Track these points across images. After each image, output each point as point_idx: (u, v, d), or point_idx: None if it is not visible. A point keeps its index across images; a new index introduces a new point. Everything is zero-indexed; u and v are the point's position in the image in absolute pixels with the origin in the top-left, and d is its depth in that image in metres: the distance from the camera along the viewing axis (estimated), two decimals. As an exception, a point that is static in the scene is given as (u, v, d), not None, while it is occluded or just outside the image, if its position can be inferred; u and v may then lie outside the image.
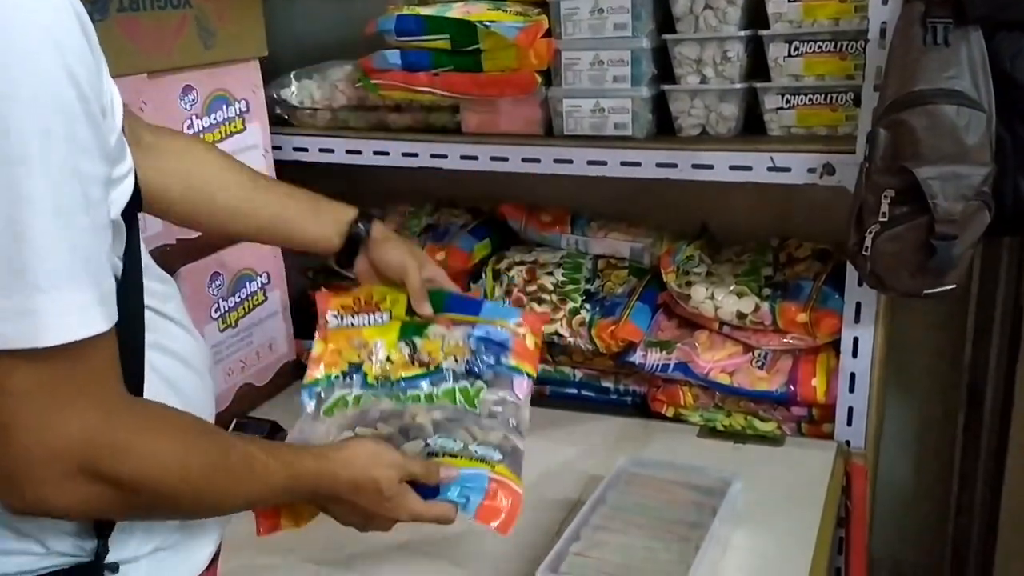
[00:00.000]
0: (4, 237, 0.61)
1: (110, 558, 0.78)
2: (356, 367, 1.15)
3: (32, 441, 0.66)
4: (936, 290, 1.21)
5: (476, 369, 1.14)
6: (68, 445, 0.67)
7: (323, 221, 1.17)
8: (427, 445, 1.06)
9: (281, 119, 1.69)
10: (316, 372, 1.15)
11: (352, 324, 1.18)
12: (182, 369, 0.83)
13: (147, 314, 0.78)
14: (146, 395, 0.76)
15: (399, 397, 1.12)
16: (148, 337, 0.77)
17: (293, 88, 1.66)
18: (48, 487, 0.67)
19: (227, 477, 0.81)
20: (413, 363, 1.16)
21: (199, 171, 1.09)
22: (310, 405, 1.12)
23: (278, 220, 1.14)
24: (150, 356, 0.78)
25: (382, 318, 1.19)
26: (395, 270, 1.17)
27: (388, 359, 1.16)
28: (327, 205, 1.19)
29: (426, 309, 1.16)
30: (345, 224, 1.17)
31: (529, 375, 1.15)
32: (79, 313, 0.65)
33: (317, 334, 1.19)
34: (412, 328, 1.18)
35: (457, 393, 1.12)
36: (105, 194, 0.69)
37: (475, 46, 1.44)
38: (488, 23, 1.41)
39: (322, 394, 1.13)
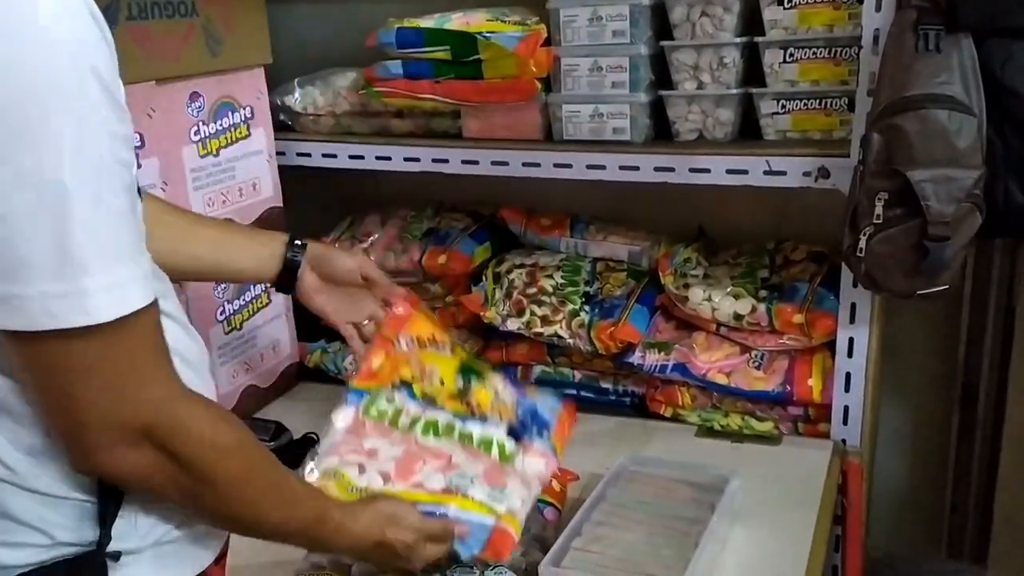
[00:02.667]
0: (49, 223, 0.66)
1: (112, 547, 0.80)
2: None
3: (97, 411, 0.71)
4: (929, 291, 1.24)
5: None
6: (133, 412, 0.73)
7: (257, 250, 1.24)
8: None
9: (285, 125, 1.72)
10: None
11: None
12: (180, 366, 0.84)
13: None
14: None
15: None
16: None
17: (297, 95, 1.69)
18: (111, 451, 0.73)
19: (268, 484, 0.86)
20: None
21: None
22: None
23: (215, 250, 1.20)
24: None
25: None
26: (349, 272, 1.29)
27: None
28: (258, 234, 1.27)
29: (401, 293, 1.30)
30: (280, 248, 1.24)
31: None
32: (126, 289, 0.70)
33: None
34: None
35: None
36: (134, 180, 0.72)
37: (475, 56, 1.46)
38: (488, 34, 1.44)
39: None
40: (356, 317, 1.32)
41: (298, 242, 1.26)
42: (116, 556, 0.81)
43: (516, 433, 1.21)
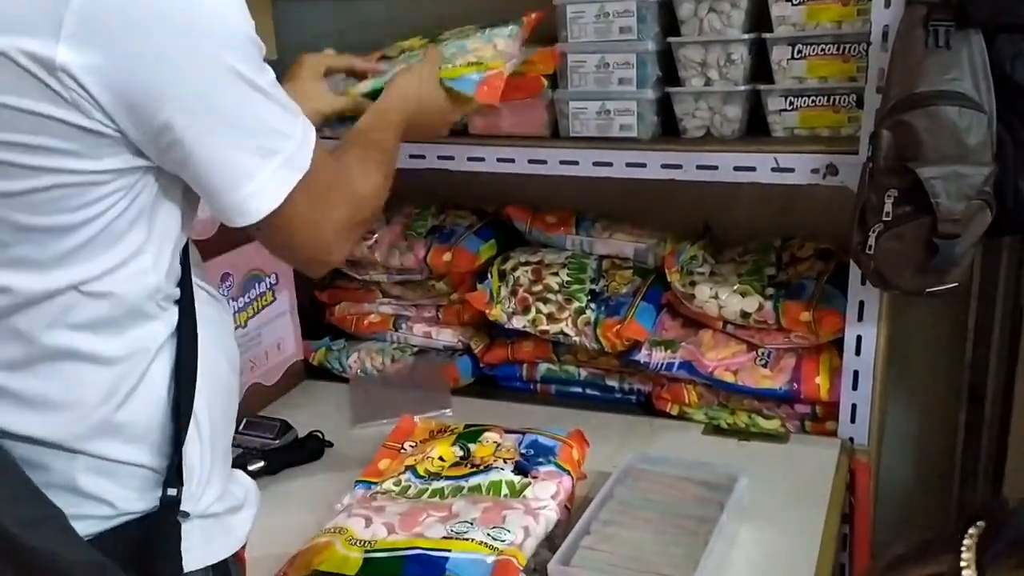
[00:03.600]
0: (264, 100, 0.82)
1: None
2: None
3: (331, 226, 0.91)
4: (938, 288, 1.23)
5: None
6: (346, 215, 0.93)
7: None
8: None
9: (289, 122, 1.70)
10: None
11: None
12: (218, 332, 0.93)
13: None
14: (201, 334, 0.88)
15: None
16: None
17: (301, 91, 1.68)
18: (344, 245, 0.96)
19: (390, 159, 1.08)
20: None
21: None
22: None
23: None
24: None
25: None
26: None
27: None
28: None
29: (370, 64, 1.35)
30: None
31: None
32: (312, 130, 0.87)
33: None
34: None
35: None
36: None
37: None
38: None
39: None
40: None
41: None
42: (186, 515, 0.84)
43: (523, 469, 1.25)
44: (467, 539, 1.08)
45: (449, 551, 1.07)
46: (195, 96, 0.77)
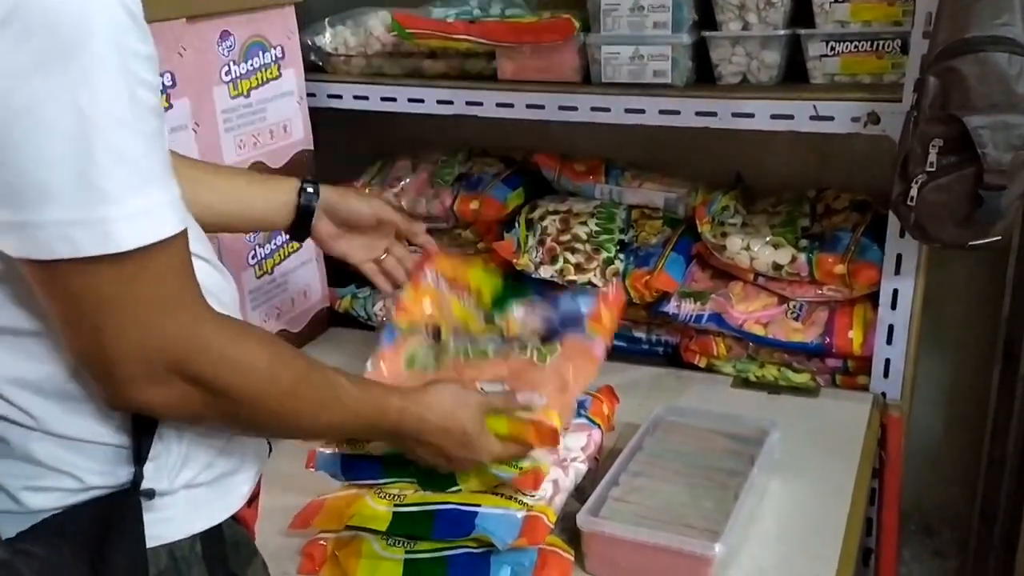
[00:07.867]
0: (71, 150, 0.64)
1: (145, 485, 0.78)
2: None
3: (124, 342, 0.69)
4: (981, 241, 1.20)
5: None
6: (161, 344, 0.70)
7: (268, 196, 1.19)
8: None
9: (315, 66, 1.68)
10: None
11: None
12: (214, 305, 0.82)
13: None
14: None
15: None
16: None
17: (327, 35, 1.65)
18: (142, 385, 0.71)
19: (311, 393, 0.84)
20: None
21: None
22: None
23: (226, 199, 1.14)
24: None
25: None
26: (364, 218, 1.25)
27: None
28: (270, 180, 1.23)
29: (421, 232, 1.30)
30: (293, 194, 1.19)
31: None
32: (150, 217, 0.67)
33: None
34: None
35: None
36: (160, 102, 0.70)
37: None
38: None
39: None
40: (375, 254, 1.30)
41: (310, 189, 1.20)
42: (151, 494, 0.79)
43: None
44: (497, 494, 1.07)
45: (479, 506, 1.06)
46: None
